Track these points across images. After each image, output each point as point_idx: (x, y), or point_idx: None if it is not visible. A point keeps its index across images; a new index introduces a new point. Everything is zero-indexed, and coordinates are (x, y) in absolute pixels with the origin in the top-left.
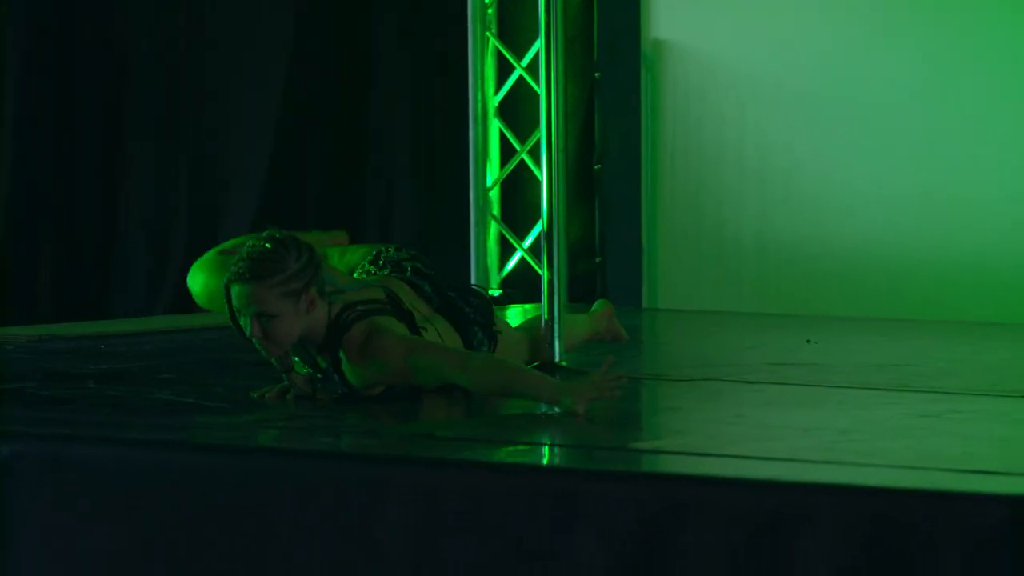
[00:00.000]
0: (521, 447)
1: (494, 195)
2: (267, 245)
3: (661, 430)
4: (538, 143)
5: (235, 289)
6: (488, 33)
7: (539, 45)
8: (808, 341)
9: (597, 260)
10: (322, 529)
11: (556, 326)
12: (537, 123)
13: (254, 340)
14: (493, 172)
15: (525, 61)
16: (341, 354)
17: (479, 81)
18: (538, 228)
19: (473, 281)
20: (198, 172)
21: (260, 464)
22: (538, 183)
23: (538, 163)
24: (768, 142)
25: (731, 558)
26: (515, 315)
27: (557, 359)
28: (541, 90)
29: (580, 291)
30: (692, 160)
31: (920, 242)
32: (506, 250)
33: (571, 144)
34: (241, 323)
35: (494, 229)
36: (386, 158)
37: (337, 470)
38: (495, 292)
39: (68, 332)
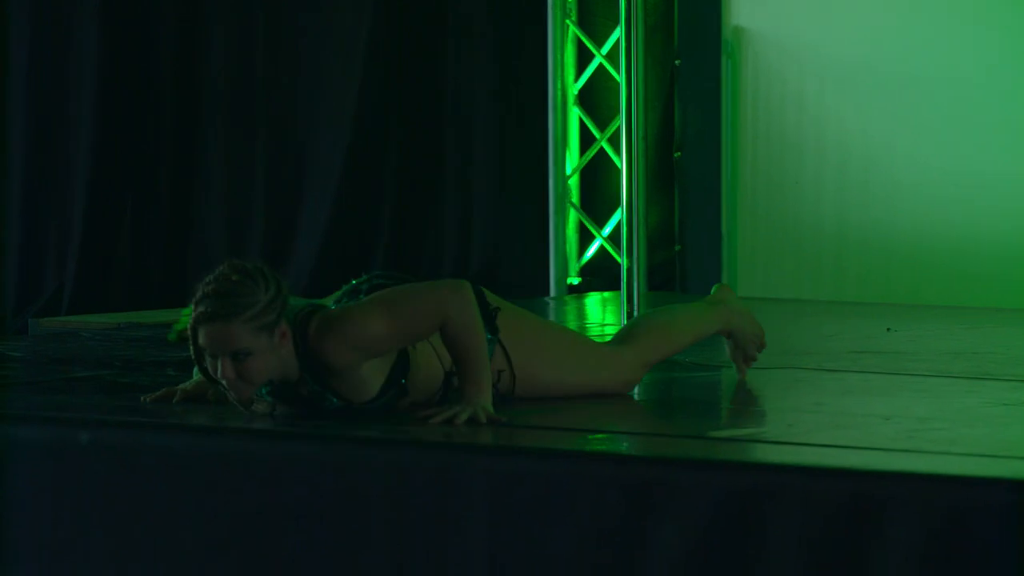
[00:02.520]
0: (600, 435)
1: (573, 183)
2: (234, 278)
3: (741, 418)
4: (617, 131)
5: (204, 329)
6: (568, 21)
7: (619, 33)
8: (888, 329)
9: (677, 248)
10: (404, 513)
11: (627, 313)
12: (616, 111)
13: (222, 382)
14: (573, 160)
15: (605, 49)
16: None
17: (559, 69)
18: (617, 216)
19: (553, 269)
20: (276, 163)
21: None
22: (617, 171)
23: (617, 151)
24: (847, 129)
25: (810, 547)
26: (594, 303)
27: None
28: (621, 78)
29: (659, 279)
30: (772, 148)
31: (998, 229)
32: (585, 238)
33: (651, 132)
34: (208, 365)
35: (573, 217)
36: (464, 145)
37: (414, 456)
38: (574, 280)
39: (146, 319)
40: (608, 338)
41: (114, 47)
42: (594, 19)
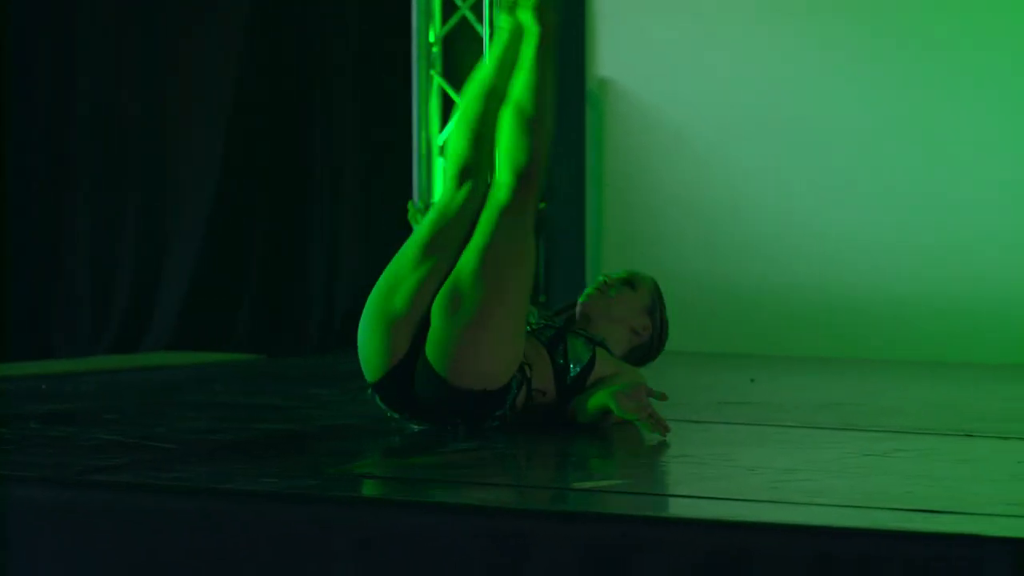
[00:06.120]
0: (468, 487)
1: None
2: None
3: (607, 470)
4: None
5: None
6: (433, 72)
7: None
8: (752, 380)
9: (542, 299)
10: (273, 568)
11: None
12: None
13: None
14: None
15: None
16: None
17: (423, 120)
18: None
19: None
20: (144, 214)
21: (206, 505)
22: None
23: None
24: (711, 181)
25: None
26: None
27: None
28: None
29: None
30: (637, 197)
31: (864, 281)
32: None
33: None
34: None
35: None
36: (332, 195)
37: (283, 511)
38: None
39: (9, 373)
40: None
41: None
42: (459, 70)
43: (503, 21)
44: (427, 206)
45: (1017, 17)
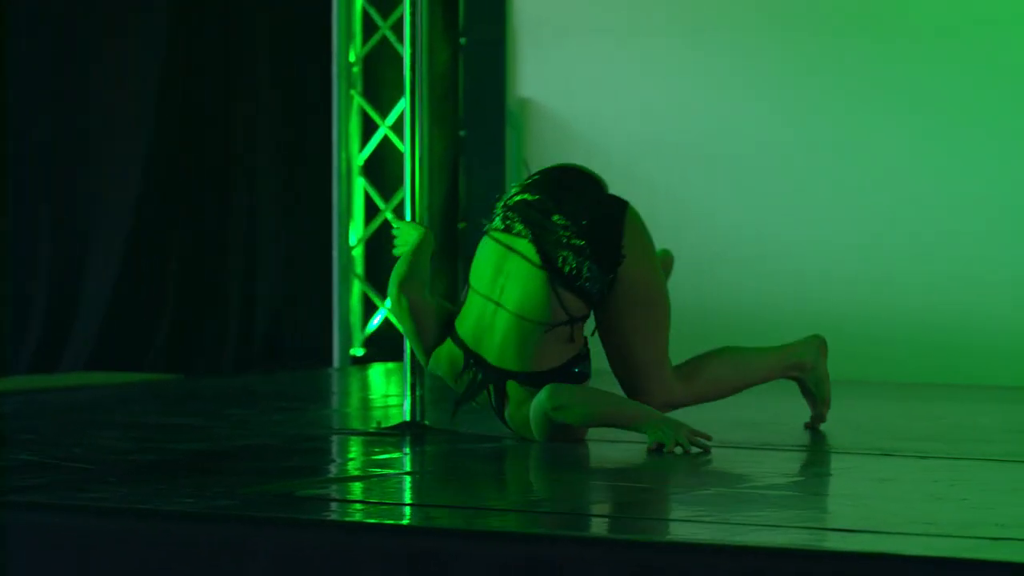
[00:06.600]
0: (383, 506)
1: (358, 254)
2: None
3: (528, 489)
4: (402, 202)
5: None
6: (353, 91)
7: (404, 103)
8: None
9: None
10: None
11: (410, 384)
12: (401, 181)
13: None
14: (357, 231)
15: (390, 120)
16: None
17: (344, 139)
18: None
19: (336, 340)
20: (61, 232)
21: (124, 526)
22: None
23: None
24: (629, 199)
25: None
26: (378, 374)
27: (419, 419)
28: (406, 148)
29: None
30: None
31: (784, 295)
32: (370, 309)
33: (435, 202)
34: None
35: (357, 288)
36: (250, 214)
37: (199, 531)
38: (358, 351)
39: None
40: None
41: None
42: (379, 89)
43: None
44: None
45: (939, 35)
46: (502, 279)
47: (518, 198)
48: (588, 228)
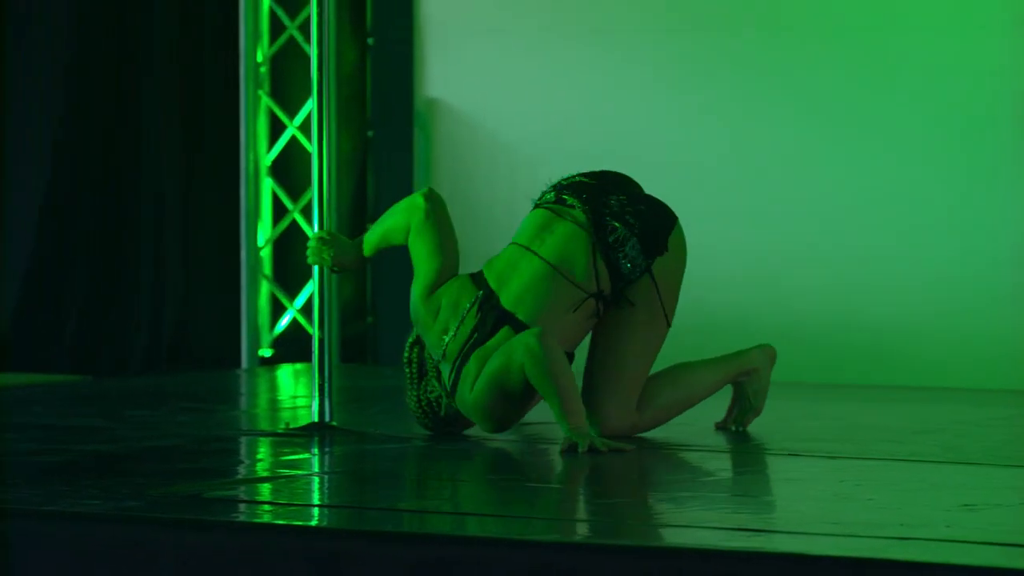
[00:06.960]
0: (291, 508)
1: (266, 254)
2: None
3: (430, 490)
4: (310, 202)
5: None
6: (261, 92)
7: (311, 104)
8: None
9: (369, 320)
10: None
11: (319, 385)
12: (309, 182)
13: None
14: (265, 231)
15: (298, 120)
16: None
17: (251, 140)
18: (310, 288)
19: (244, 341)
20: None
21: (29, 527)
22: None
23: (310, 222)
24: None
25: None
26: (286, 375)
27: (327, 420)
28: (313, 149)
29: (352, 351)
30: (463, 220)
31: (705, 296)
32: (278, 310)
33: (343, 203)
34: None
35: (265, 288)
36: (157, 214)
37: (105, 532)
38: (266, 352)
39: None
40: None
41: None
42: (287, 90)
43: None
44: (331, 236)
45: (843, 36)
46: (546, 234)
47: (575, 180)
48: (644, 213)
